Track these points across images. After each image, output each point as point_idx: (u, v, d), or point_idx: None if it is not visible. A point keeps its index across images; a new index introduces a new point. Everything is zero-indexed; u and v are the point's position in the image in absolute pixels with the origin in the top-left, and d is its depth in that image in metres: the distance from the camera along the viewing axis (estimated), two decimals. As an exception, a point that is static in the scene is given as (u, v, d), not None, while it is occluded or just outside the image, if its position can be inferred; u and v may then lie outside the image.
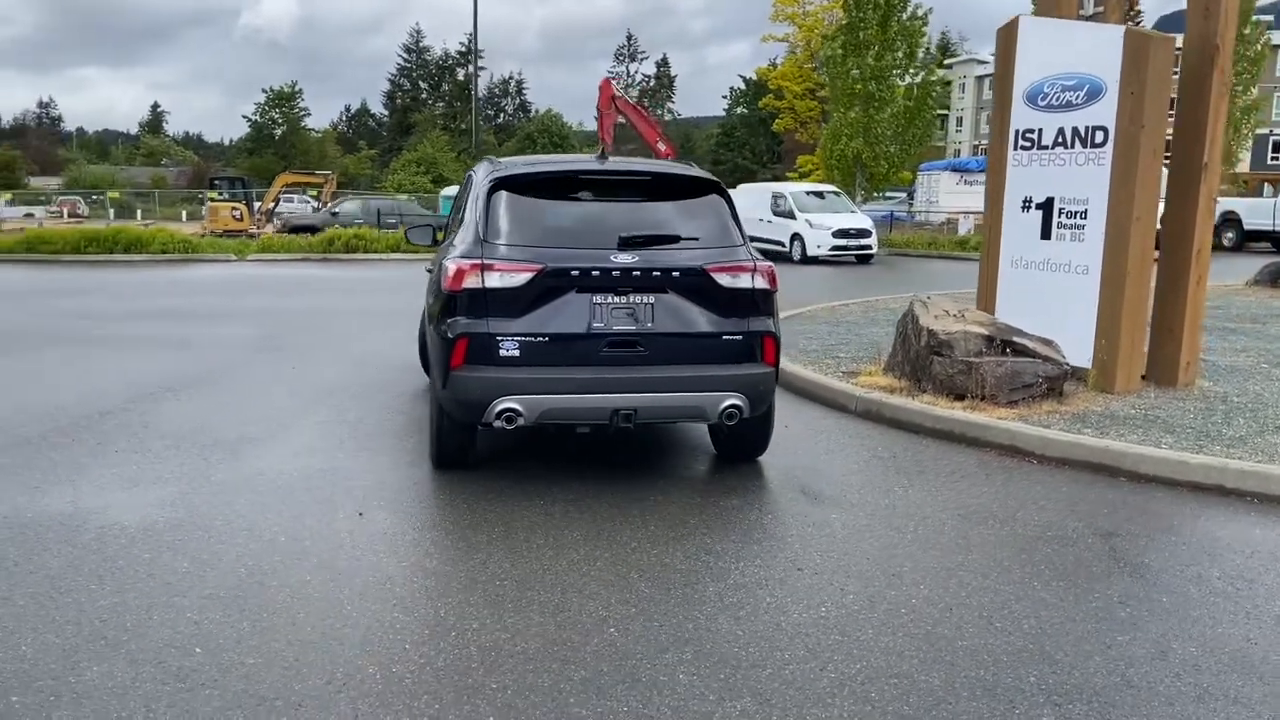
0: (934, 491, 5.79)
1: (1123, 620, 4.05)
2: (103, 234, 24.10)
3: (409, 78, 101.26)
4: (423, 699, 3.32)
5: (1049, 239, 8.32)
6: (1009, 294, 8.69)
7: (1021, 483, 6.01)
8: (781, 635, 3.86)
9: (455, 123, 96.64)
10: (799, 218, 24.52)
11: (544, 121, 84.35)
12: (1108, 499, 5.70)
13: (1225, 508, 5.59)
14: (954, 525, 5.20)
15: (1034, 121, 8.36)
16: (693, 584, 4.36)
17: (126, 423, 7.08)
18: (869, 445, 6.87)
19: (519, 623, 3.92)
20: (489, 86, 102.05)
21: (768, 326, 5.72)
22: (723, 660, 3.64)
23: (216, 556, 4.56)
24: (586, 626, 3.90)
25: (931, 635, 3.89)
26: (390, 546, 4.75)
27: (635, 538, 4.93)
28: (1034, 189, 8.41)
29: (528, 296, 5.39)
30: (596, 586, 4.31)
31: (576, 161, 6.36)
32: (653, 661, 3.62)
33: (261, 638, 3.74)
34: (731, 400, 5.56)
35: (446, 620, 3.93)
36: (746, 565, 4.59)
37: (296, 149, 79.08)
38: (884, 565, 4.63)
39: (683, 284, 5.52)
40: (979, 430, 6.88)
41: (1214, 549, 4.91)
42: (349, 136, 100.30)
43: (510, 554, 4.69)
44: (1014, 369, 7.39)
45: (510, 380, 5.37)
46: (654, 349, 5.49)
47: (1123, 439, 6.48)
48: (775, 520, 5.29)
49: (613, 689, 3.41)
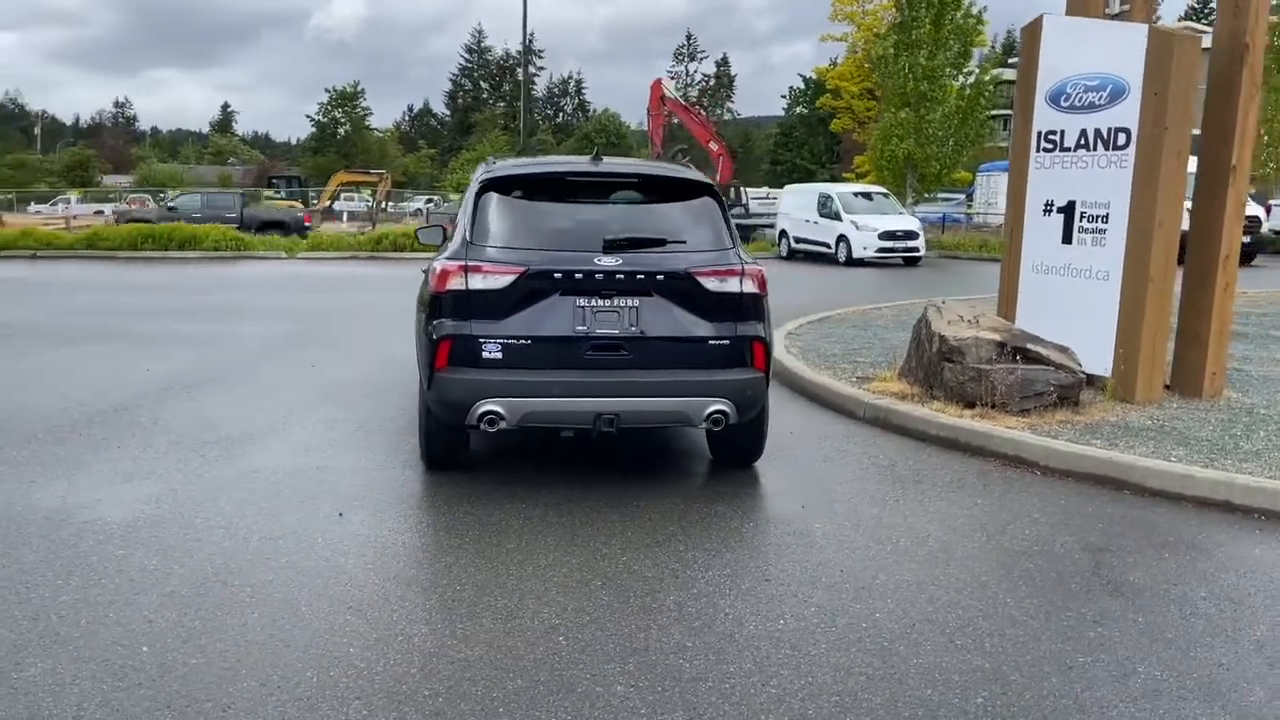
0: (926, 502, 5.67)
1: (1090, 640, 3.92)
2: (157, 231, 24.67)
3: (470, 77, 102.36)
4: (353, 705, 3.31)
5: (1070, 243, 8.10)
6: (1030, 300, 8.48)
7: (1019, 494, 5.85)
8: (732, 648, 3.79)
9: (515, 122, 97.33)
10: (845, 219, 24.25)
11: (601, 121, 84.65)
12: (1106, 513, 5.52)
13: (1229, 525, 5.38)
14: (939, 537, 5.08)
15: (1056, 123, 8.15)
16: (655, 593, 4.31)
17: (136, 419, 7.21)
18: (870, 453, 6.74)
19: (468, 629, 3.90)
20: (548, 86, 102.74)
21: (757, 331, 5.63)
22: (665, 672, 3.59)
23: (188, 554, 4.61)
24: (535, 634, 3.87)
25: (886, 652, 3.79)
26: (360, 548, 4.76)
27: (609, 544, 4.88)
28: (1056, 192, 8.20)
29: (511, 299, 5.38)
30: (556, 593, 4.27)
31: (567, 163, 6.34)
32: (593, 672, 3.57)
33: (210, 638, 3.77)
34: (717, 406, 5.48)
35: (396, 625, 3.93)
36: (715, 574, 4.53)
37: (358, 148, 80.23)
38: (856, 577, 4.53)
39: (668, 287, 5.46)
40: (983, 439, 6.72)
41: (1206, 568, 4.73)
42: (410, 136, 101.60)
43: (478, 558, 4.68)
44: (1025, 377, 7.21)
45: (492, 383, 5.36)
46: (638, 353, 5.44)
47: (1131, 451, 6.29)
48: (755, 529, 5.21)
49: (545, 699, 3.37)
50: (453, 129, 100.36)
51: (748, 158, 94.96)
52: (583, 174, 5.90)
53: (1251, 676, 3.65)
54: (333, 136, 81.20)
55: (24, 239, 25.23)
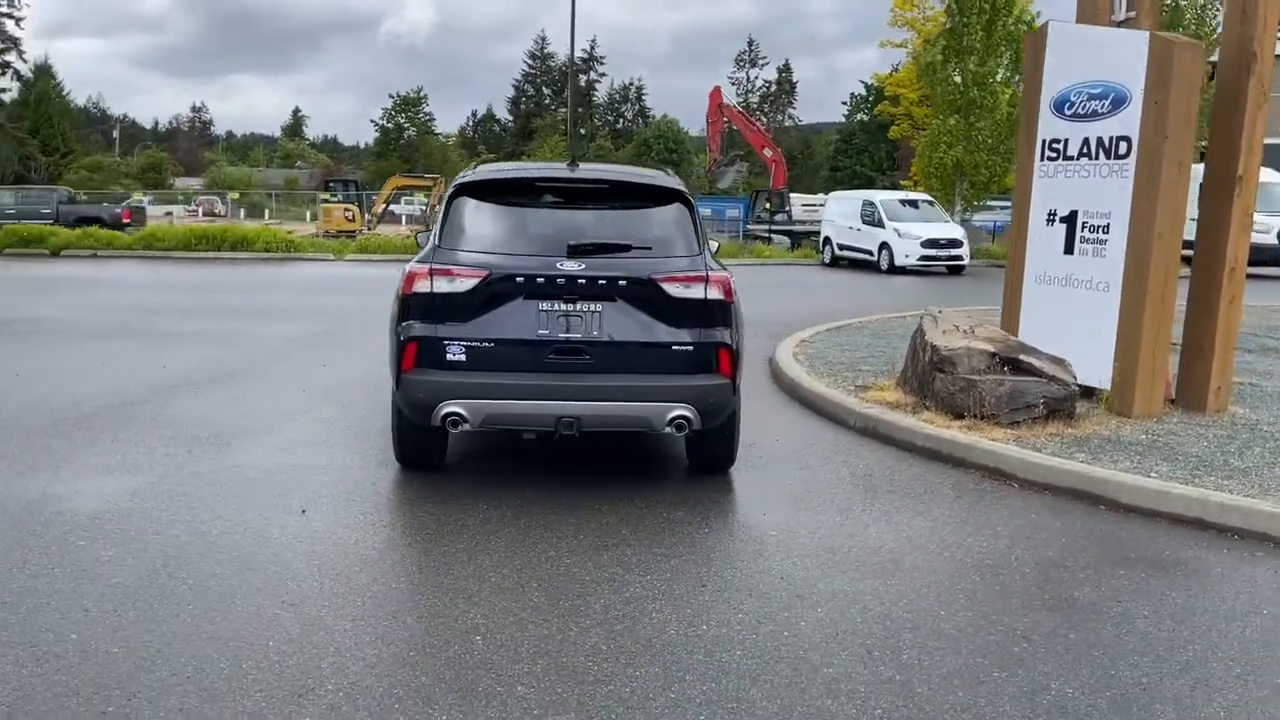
0: (891, 513, 5.62)
1: (1011, 655, 3.87)
2: (211, 232, 25.32)
3: (533, 83, 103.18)
4: (254, 696, 3.40)
5: (1072, 254, 7.97)
6: (1033, 311, 8.36)
7: (989, 507, 5.78)
8: (646, 653, 3.82)
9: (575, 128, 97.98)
10: (888, 226, 24.03)
11: (660, 128, 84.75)
12: (1073, 528, 5.43)
13: (1197, 543, 5.26)
14: (892, 548, 5.04)
15: (1061, 131, 8.03)
16: (586, 596, 4.34)
17: (138, 414, 7.43)
18: (851, 462, 6.70)
19: (390, 628, 3.97)
20: (609, 92, 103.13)
21: (722, 338, 5.64)
22: (571, 674, 3.62)
23: (144, 547, 4.76)
24: (454, 634, 3.93)
25: (798, 660, 3.78)
26: (312, 544, 4.87)
27: (558, 546, 4.93)
28: (1059, 201, 8.08)
29: (475, 302, 5.46)
30: (489, 594, 4.33)
31: (540, 168, 6.42)
32: (499, 673, 3.62)
33: (139, 628, 3.89)
34: (679, 411, 5.51)
35: (323, 621, 4.01)
36: (654, 579, 4.55)
37: (421, 153, 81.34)
38: (794, 585, 4.52)
39: (630, 293, 5.50)
40: (965, 451, 6.64)
41: (1157, 586, 4.64)
42: (473, 141, 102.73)
43: (424, 557, 4.76)
44: (1015, 388, 7.11)
45: (455, 384, 5.45)
46: (600, 357, 5.49)
47: (1114, 466, 6.17)
48: (710, 535, 5.22)
49: (443, 698, 3.43)
50: (514, 134, 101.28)
51: (807, 164, 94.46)
52: (553, 179, 5.97)
53: (1168, 697, 3.58)
54: (396, 141, 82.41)
55: (85, 239, 26.06)
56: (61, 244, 25.29)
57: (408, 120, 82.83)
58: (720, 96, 43.55)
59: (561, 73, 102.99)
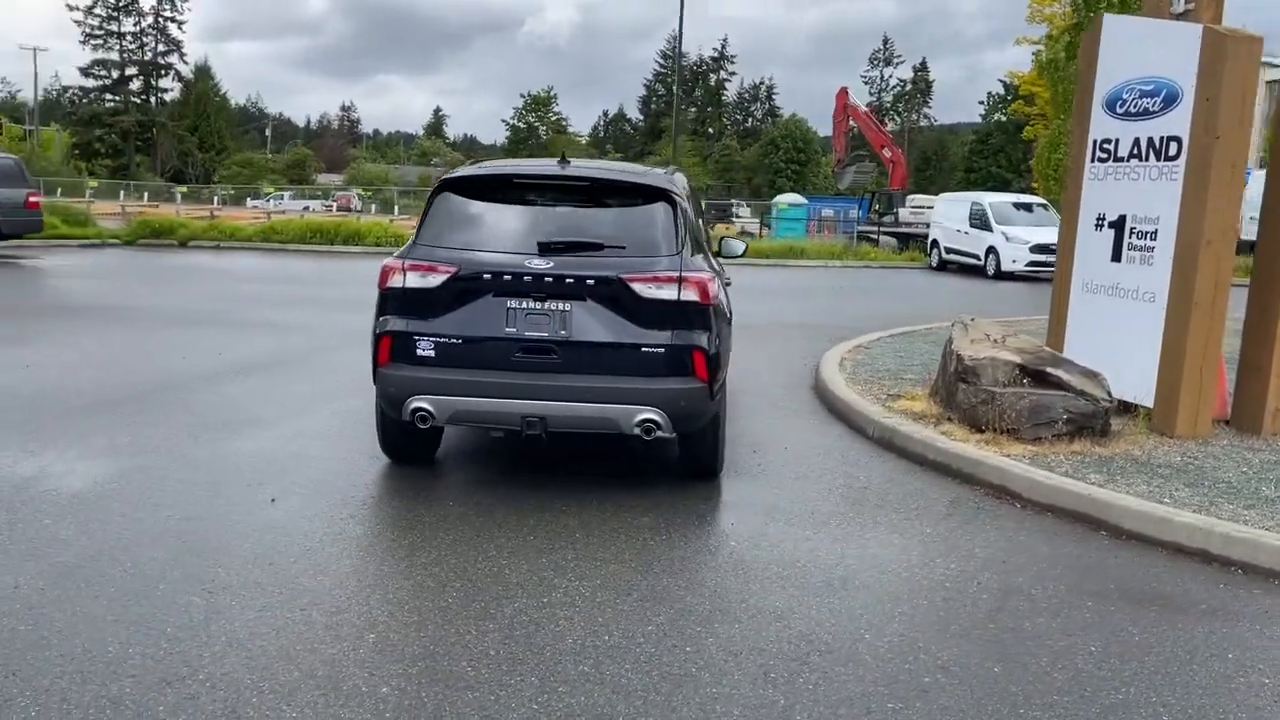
0: (868, 529, 5.38)
1: (919, 687, 3.63)
2: (325, 226, 26.23)
3: (664, 83, 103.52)
4: (124, 682, 3.45)
5: (1119, 261, 7.49)
6: (1079, 321, 7.90)
7: (978, 527, 5.47)
8: (532, 660, 3.73)
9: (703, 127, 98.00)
10: (995, 230, 23.15)
11: (787, 127, 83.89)
12: (1058, 554, 5.09)
13: (1192, 577, 4.86)
14: (851, 566, 4.81)
15: (1112, 131, 7.56)
16: (503, 600, 4.27)
17: (169, 400, 7.71)
18: (854, 474, 6.44)
19: (288, 620, 3.98)
20: (739, 92, 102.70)
21: (695, 340, 5.48)
22: (445, 678, 3.56)
23: (104, 528, 4.91)
24: (348, 631, 3.91)
25: (685, 678, 3.63)
26: (262, 534, 4.93)
27: (503, 548, 4.88)
28: (1108, 206, 7.61)
29: (444, 298, 5.46)
30: (406, 594, 4.31)
31: (524, 166, 6.38)
32: (374, 672, 3.59)
33: (54, 607, 4.00)
34: (646, 415, 5.39)
35: (229, 611, 4.05)
36: (582, 585, 4.45)
37: (549, 152, 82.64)
38: (724, 600, 4.36)
39: (599, 292, 5.41)
40: (973, 466, 6.31)
41: (1122, 621, 4.29)
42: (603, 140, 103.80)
43: (364, 552, 4.78)
44: (1038, 402, 6.72)
45: (423, 380, 5.46)
46: (568, 357, 5.42)
47: (1128, 488, 5.76)
48: (663, 543, 5.07)
49: (305, 694, 3.41)
50: (644, 133, 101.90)
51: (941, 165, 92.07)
52: (533, 177, 5.93)
53: (1071, 743, 3.30)
54: (526, 140, 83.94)
55: (210, 231, 27.34)
56: (189, 235, 26.59)
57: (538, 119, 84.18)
58: (847, 97, 42.95)
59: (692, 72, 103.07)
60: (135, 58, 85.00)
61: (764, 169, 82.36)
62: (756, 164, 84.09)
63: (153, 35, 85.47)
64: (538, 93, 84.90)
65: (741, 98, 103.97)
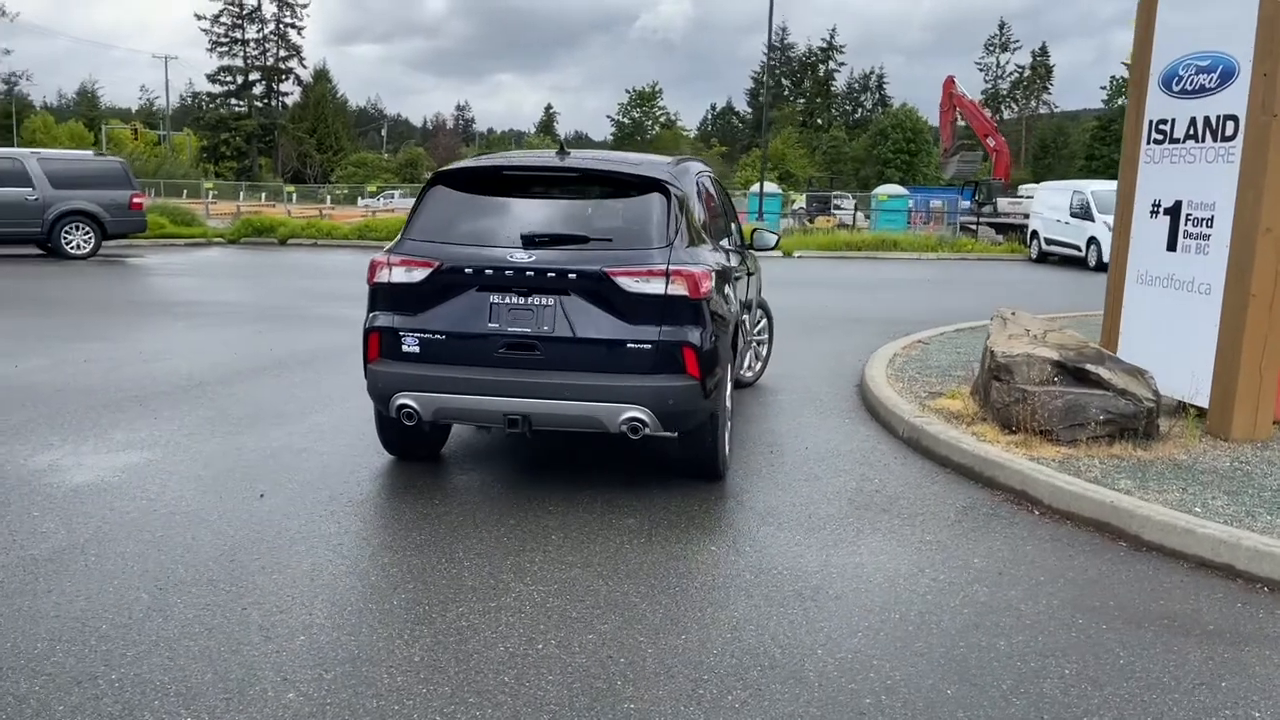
0: (864, 536, 5.09)
1: (859, 710, 3.38)
2: (417, 224, 26.59)
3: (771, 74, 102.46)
4: (39, 680, 3.44)
5: (1174, 250, 6.98)
6: (1134, 316, 7.39)
7: (985, 536, 5.13)
8: (454, 668, 3.60)
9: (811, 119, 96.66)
10: (1097, 219, 22.04)
11: (896, 116, 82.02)
12: (1066, 566, 4.72)
13: (1208, 594, 4.44)
14: (831, 575, 4.55)
15: (1167, 110, 7.04)
16: (451, 603, 4.16)
17: (200, 395, 7.83)
18: (869, 476, 6.14)
19: (223, 622, 3.93)
20: (848, 82, 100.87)
21: (686, 336, 5.28)
22: (358, 684, 3.46)
23: (87, 522, 4.97)
24: (280, 633, 3.84)
25: (600, 693, 3.46)
26: (237, 530, 4.92)
27: (471, 549, 4.77)
28: (1164, 191, 7.09)
29: (428, 293, 5.38)
30: (355, 595, 4.23)
31: (517, 158, 6.24)
32: (287, 677, 3.51)
33: (4, 603, 4.05)
34: (632, 413, 5.21)
35: (170, 609, 4.02)
36: (535, 590, 4.30)
37: (653, 146, 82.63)
38: (679, 611, 4.15)
39: (583, 286, 5.25)
40: (995, 469, 5.94)
41: (1111, 644, 3.94)
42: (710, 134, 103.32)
43: (329, 552, 4.70)
44: (1074, 402, 6.29)
45: (408, 376, 5.39)
46: (551, 353, 5.27)
47: (1159, 495, 5.33)
48: (640, 549, 4.87)
49: (210, 698, 3.35)
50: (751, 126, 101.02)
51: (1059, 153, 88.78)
52: (522, 169, 5.81)
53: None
54: (631, 136, 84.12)
55: (309, 229, 28.11)
56: (288, 233, 27.37)
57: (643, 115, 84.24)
58: (953, 85, 41.88)
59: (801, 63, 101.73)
60: (258, 63, 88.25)
61: (872, 160, 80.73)
62: (865, 155, 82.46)
63: (274, 41, 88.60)
64: (642, 88, 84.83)
65: (851, 88, 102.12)
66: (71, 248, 20.37)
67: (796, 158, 79.39)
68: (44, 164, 20.49)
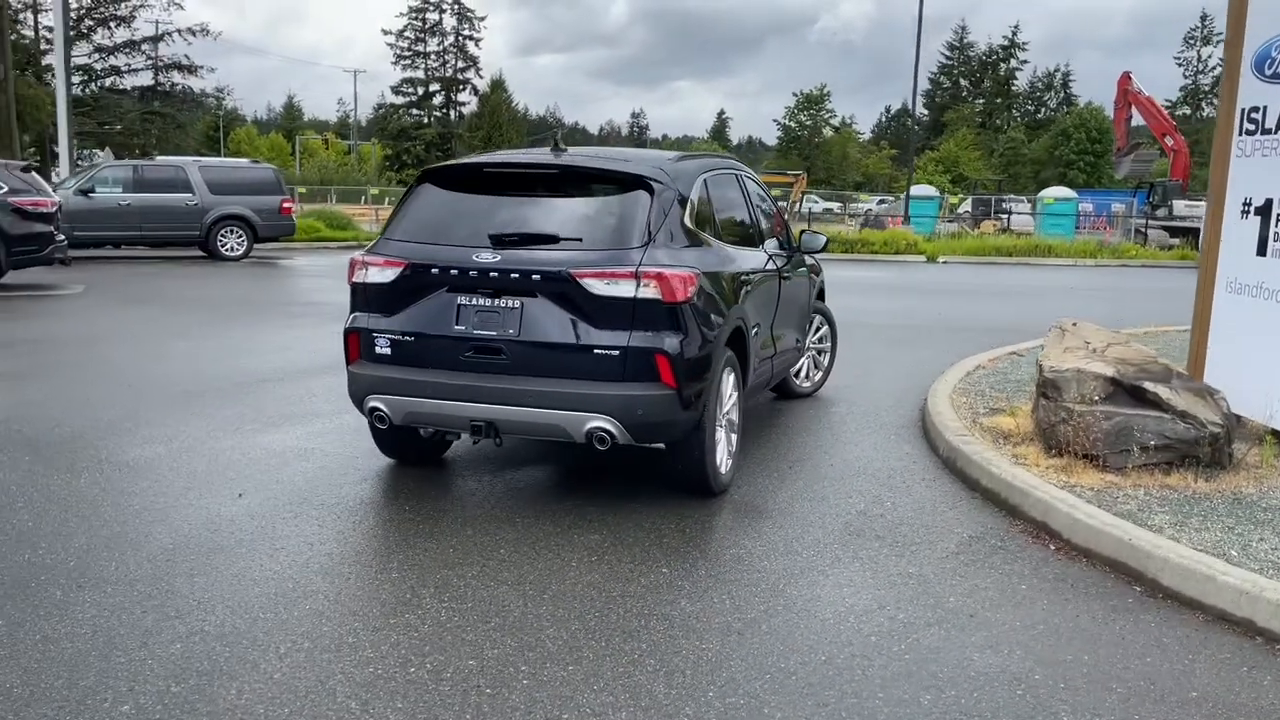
0: (843, 565, 4.64)
1: (706, 766, 3.00)
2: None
3: (949, 75, 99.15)
4: (-90, 670, 3.47)
5: (1264, 255, 6.15)
6: (1222, 329, 6.57)
7: (978, 572, 4.59)
8: (308, 686, 3.41)
9: (990, 119, 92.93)
10: None
11: (1081, 116, 77.78)
12: (1053, 613, 4.15)
13: (1210, 654, 3.80)
14: (774, 610, 4.14)
15: (1260, 97, 6.22)
16: (346, 617, 3.97)
17: (243, 393, 7.91)
18: (882, 498, 5.63)
19: (115, 625, 3.85)
20: (1030, 80, 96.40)
21: (660, 343, 4.95)
22: (187, 704, 3.33)
23: (57, 516, 5.02)
24: (159, 640, 3.72)
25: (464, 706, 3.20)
26: (194, 529, 4.88)
27: (408, 562, 4.57)
28: (1254, 188, 6.26)
29: (399, 293, 5.25)
30: (259, 606, 4.07)
31: (501, 155, 6.03)
32: (135, 688, 3.40)
33: (-64, 589, 4.13)
34: (597, 423, 4.93)
35: (73, 608, 3.97)
36: (442, 609, 4.05)
37: (821, 150, 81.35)
38: (576, 643, 3.85)
39: (548, 289, 5.00)
40: (1019, 496, 5.35)
41: (1034, 708, 3.40)
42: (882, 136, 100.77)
43: (265, 557, 4.56)
44: (1124, 424, 5.60)
45: (380, 379, 5.28)
46: (517, 358, 5.05)
47: (1194, 535, 4.65)
48: (583, 569, 4.53)
49: (43, 707, 3.27)
50: (926, 127, 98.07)
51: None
52: (503, 165, 5.60)
53: None
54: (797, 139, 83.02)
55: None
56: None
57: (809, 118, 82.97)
58: (1128, 81, 39.37)
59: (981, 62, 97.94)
60: (437, 75, 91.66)
61: (1053, 161, 76.87)
62: (1045, 157, 78.56)
63: (453, 53, 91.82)
64: (810, 91, 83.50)
65: (1034, 86, 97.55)
66: (226, 250, 21.49)
67: (971, 160, 76.36)
68: (204, 172, 21.72)
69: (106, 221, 20.35)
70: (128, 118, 53.29)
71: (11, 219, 14.73)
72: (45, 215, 15.13)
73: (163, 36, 52.64)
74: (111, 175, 21.25)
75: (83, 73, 51.88)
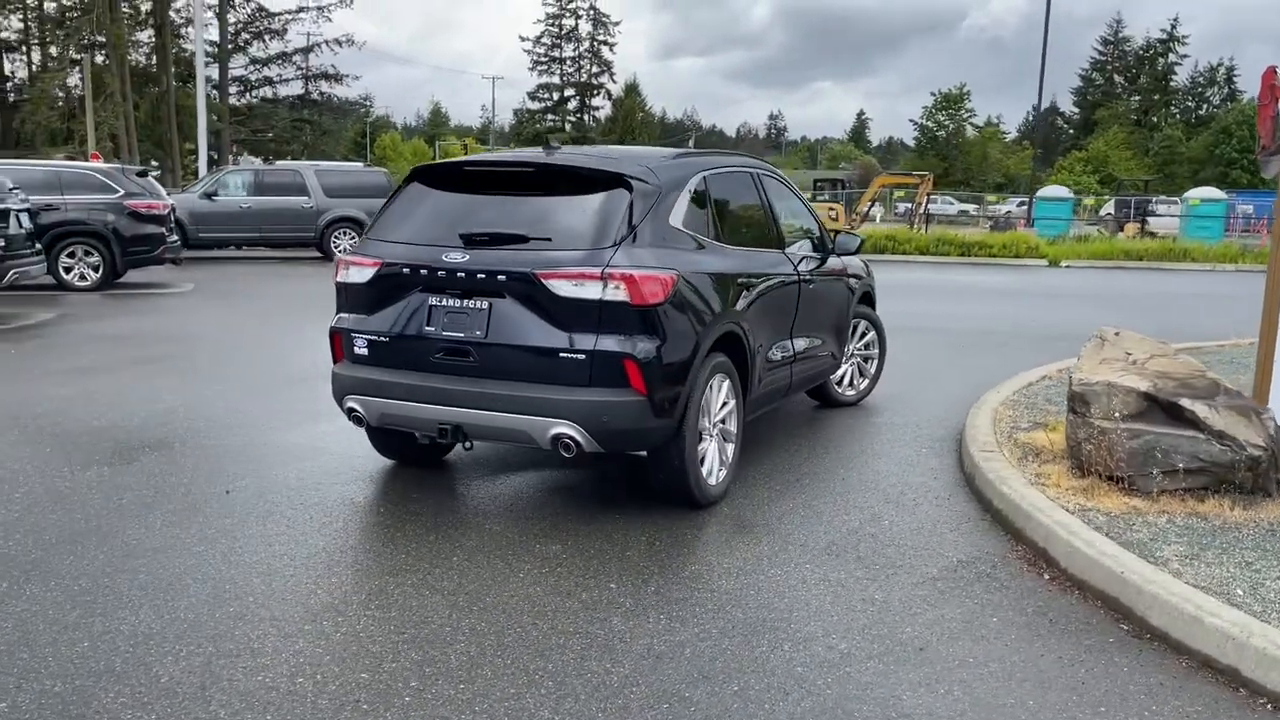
0: (807, 588, 4.34)
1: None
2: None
3: (1102, 71, 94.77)
4: None
5: (1331, 259, 5.51)
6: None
7: (949, 601, 4.22)
8: (191, 695, 3.36)
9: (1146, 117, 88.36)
10: None
11: (1245, 112, 72.99)
12: (1017, 652, 3.78)
13: (1178, 710, 3.37)
14: (706, 635, 3.89)
15: (1331, 82, 5.57)
16: (261, 623, 3.90)
17: (290, 390, 8.07)
18: (880, 516, 5.27)
19: (74, 616, 3.90)
20: (1191, 75, 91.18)
21: (628, 347, 4.74)
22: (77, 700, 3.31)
23: (46, 505, 5.17)
24: (79, 635, 3.74)
25: None
26: (165, 524, 4.94)
27: (355, 566, 4.53)
28: (1324, 183, 5.62)
29: (374, 293, 5.21)
30: (186, 607, 4.02)
31: (486, 155, 5.90)
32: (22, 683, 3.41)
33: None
34: (561, 429, 4.76)
35: (8, 601, 4.07)
36: (365, 617, 3.94)
37: (960, 150, 78.89)
38: (480, 654, 3.69)
39: (515, 289, 4.85)
40: (1024, 519, 4.93)
41: (968, 757, 3.06)
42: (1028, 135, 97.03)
43: (219, 557, 4.55)
44: (1152, 444, 5.10)
45: (357, 380, 5.25)
46: (485, 360, 4.92)
47: (1201, 570, 4.17)
48: (523, 582, 4.33)
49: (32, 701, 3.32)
50: (1077, 126, 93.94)
51: None
52: (484, 164, 5.49)
53: None
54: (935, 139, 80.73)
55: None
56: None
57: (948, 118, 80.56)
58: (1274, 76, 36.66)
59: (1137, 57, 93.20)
60: (573, 80, 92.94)
61: (1214, 160, 72.46)
62: (1205, 155, 74.09)
63: (588, 59, 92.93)
64: (949, 90, 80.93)
65: (1195, 82, 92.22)
66: (340, 250, 22.16)
67: (1122, 159, 72.69)
68: (320, 176, 22.46)
69: (228, 224, 21.26)
70: (280, 125, 56.04)
71: (127, 221, 15.53)
72: (158, 217, 15.89)
73: (312, 48, 55.15)
74: (233, 179, 22.20)
75: (239, 83, 54.86)
